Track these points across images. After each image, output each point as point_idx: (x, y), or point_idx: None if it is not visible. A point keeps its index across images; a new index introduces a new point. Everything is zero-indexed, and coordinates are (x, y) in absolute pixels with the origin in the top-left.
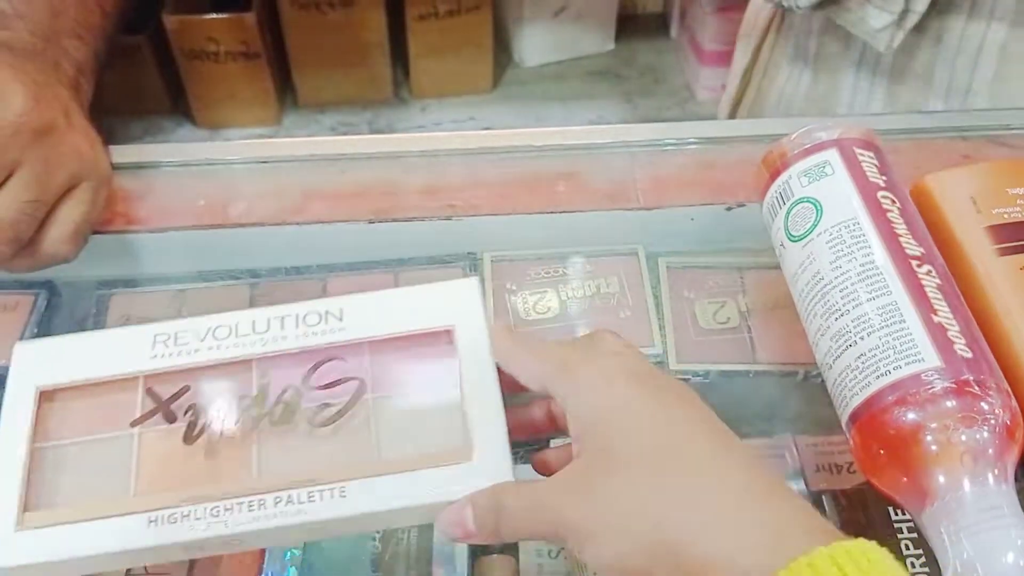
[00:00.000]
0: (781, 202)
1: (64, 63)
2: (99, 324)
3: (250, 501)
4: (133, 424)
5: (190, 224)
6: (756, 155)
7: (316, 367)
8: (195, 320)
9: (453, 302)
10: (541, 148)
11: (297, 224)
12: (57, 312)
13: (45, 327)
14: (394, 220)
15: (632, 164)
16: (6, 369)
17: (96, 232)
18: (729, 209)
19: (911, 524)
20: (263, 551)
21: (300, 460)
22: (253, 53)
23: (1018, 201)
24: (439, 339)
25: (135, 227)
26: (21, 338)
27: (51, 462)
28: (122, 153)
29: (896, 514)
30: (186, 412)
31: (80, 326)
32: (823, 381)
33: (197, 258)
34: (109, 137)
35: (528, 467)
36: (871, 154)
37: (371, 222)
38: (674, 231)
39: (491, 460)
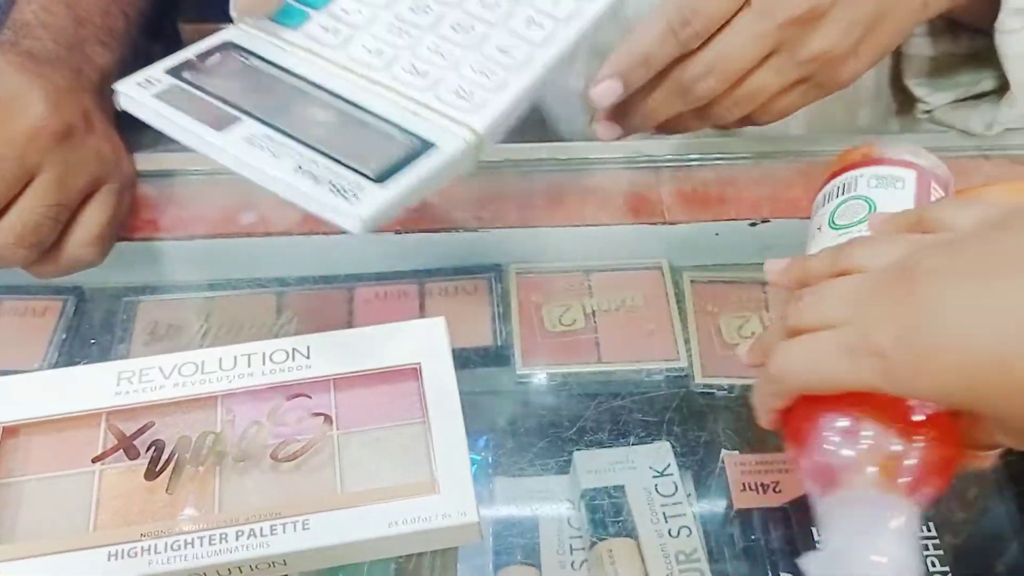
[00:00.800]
0: (840, 192)
1: (87, 69)
2: (126, 331)
3: (211, 535)
4: (94, 460)
5: (218, 232)
6: (780, 171)
7: (281, 403)
8: (161, 357)
9: (420, 340)
10: (567, 162)
11: (324, 234)
12: (85, 318)
13: (73, 333)
14: (420, 231)
15: (657, 179)
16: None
17: (123, 239)
18: (753, 225)
19: (936, 541)
20: None
21: (263, 495)
22: None
23: None
24: (406, 376)
25: (162, 235)
26: (50, 343)
27: (12, 498)
28: (150, 161)
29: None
30: (148, 448)
31: (108, 332)
32: None
33: (225, 266)
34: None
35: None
36: (942, 191)
37: (398, 232)
38: (699, 246)
39: (456, 494)
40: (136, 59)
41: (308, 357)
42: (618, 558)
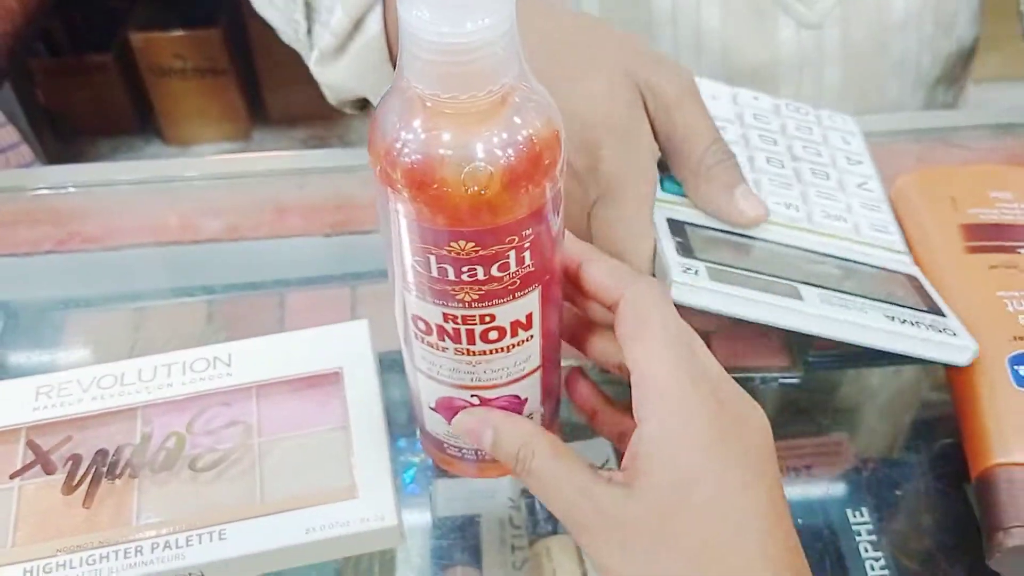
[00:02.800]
0: None
1: None
2: (56, 343)
3: (127, 548)
4: (12, 476)
5: (145, 241)
6: None
7: (201, 413)
8: (79, 371)
9: (343, 344)
10: None
11: (252, 239)
12: (12, 332)
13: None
14: (351, 233)
15: None
16: None
17: (52, 251)
18: None
19: (869, 527)
20: None
21: (182, 506)
22: (220, 69)
23: (997, 204)
24: (328, 381)
25: (90, 246)
26: None
27: None
28: (72, 172)
29: (855, 516)
30: (66, 463)
31: (36, 346)
32: (780, 385)
33: (153, 276)
34: (78, 156)
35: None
36: None
37: (327, 236)
38: None
39: (375, 498)
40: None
41: (229, 365)
42: (555, 556)
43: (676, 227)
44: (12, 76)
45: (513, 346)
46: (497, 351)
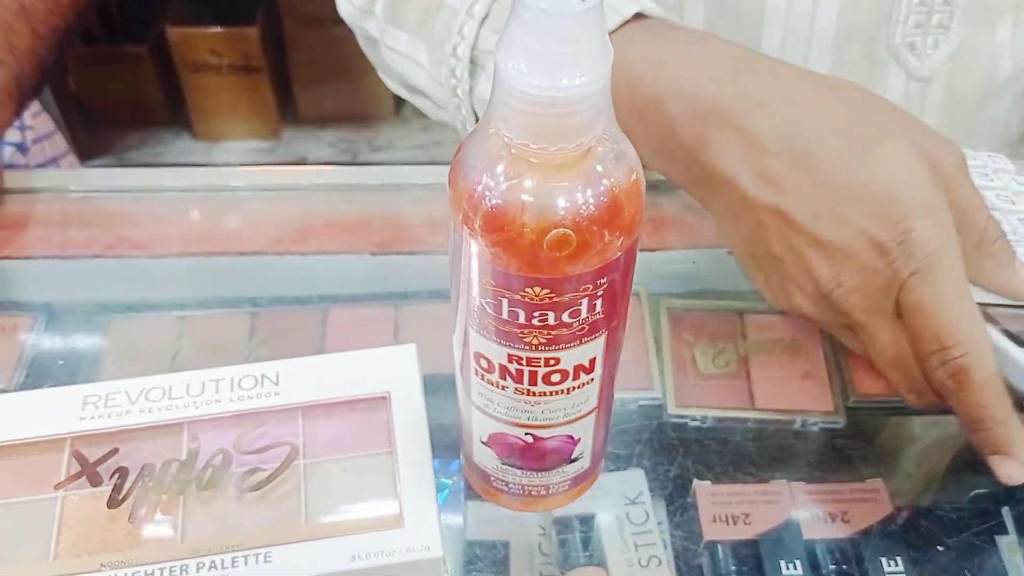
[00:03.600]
0: None
1: None
2: (97, 348)
3: (172, 566)
4: (57, 487)
5: (191, 250)
6: None
7: (248, 431)
8: (127, 382)
9: (390, 368)
10: None
11: (299, 254)
12: (54, 334)
13: (43, 350)
14: (397, 253)
15: None
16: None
17: (99, 256)
18: (731, 253)
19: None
20: None
21: (226, 525)
22: (255, 67)
23: None
24: (375, 405)
25: (137, 252)
26: (19, 361)
27: None
28: (121, 176)
29: (889, 565)
30: (112, 475)
31: (77, 352)
32: (820, 429)
33: (198, 285)
34: (107, 146)
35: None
36: None
37: (373, 254)
38: (675, 273)
39: (421, 528)
40: (45, 75)
41: (277, 384)
42: None
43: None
44: None
45: (573, 388)
46: (557, 393)
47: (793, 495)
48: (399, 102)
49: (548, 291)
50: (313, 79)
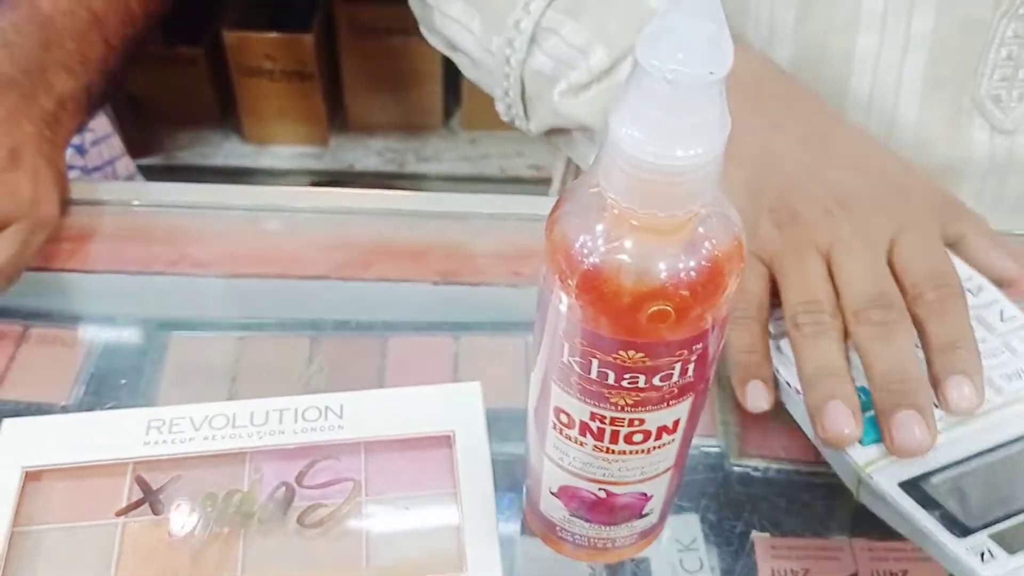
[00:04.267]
0: None
1: (43, 97)
2: (158, 364)
3: None
4: (118, 513)
5: (254, 271)
6: None
7: (311, 465)
8: (191, 407)
9: (455, 406)
10: None
11: (360, 280)
12: (114, 350)
13: (102, 366)
14: (460, 283)
15: None
16: (53, 407)
17: (158, 273)
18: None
19: None
20: None
21: (286, 562)
22: (308, 74)
23: None
24: (439, 444)
25: (199, 270)
26: (78, 376)
27: (31, 547)
28: (192, 192)
29: None
30: (175, 504)
31: (137, 368)
32: None
33: (260, 307)
34: (156, 145)
35: None
36: None
37: (436, 284)
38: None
39: (484, 573)
40: (114, 84)
41: (341, 416)
42: None
43: (913, 489)
44: None
45: (654, 448)
46: (637, 452)
47: (855, 552)
48: (448, 114)
49: (642, 355)
50: (364, 88)
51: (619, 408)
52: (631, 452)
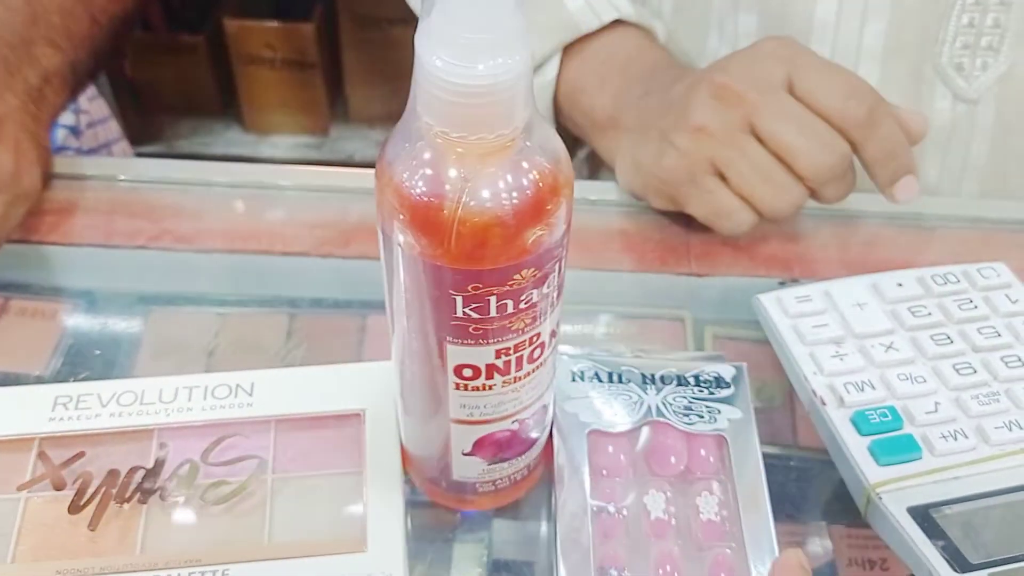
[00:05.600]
0: None
1: (28, 71)
2: (136, 338)
3: None
4: (20, 488)
5: (235, 247)
6: (816, 229)
7: (218, 442)
8: (99, 384)
9: (367, 384)
10: (595, 203)
11: (341, 257)
12: (93, 324)
13: (80, 338)
14: None
15: (688, 228)
16: (28, 377)
17: (140, 247)
18: (783, 284)
19: None
20: None
21: (187, 538)
22: (309, 63)
23: None
24: (348, 422)
25: (180, 245)
26: (56, 348)
27: None
28: (176, 168)
29: None
30: (76, 480)
31: (115, 340)
32: None
33: (239, 283)
34: (157, 132)
35: None
36: None
37: None
38: (723, 301)
39: (385, 553)
40: (101, 61)
41: (251, 395)
42: None
43: (920, 516)
44: None
45: (548, 357)
46: (538, 367)
47: (833, 539)
48: None
49: (532, 269)
50: (365, 78)
51: (521, 332)
52: (534, 369)
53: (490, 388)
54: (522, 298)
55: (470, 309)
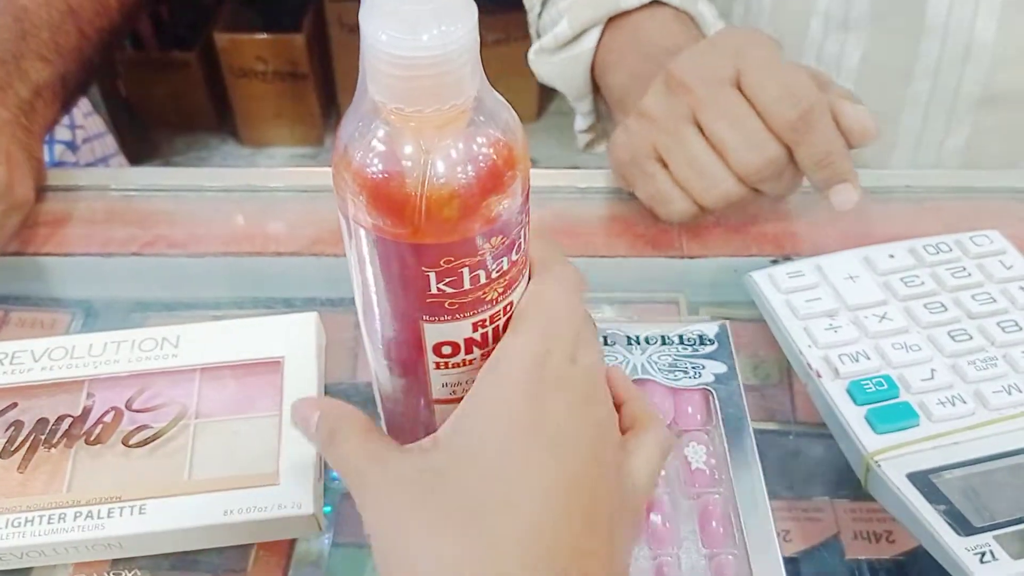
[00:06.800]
0: None
1: (18, 85)
2: None
3: (51, 514)
4: None
5: (228, 250)
6: (806, 207)
7: (142, 391)
8: (33, 341)
9: (288, 335)
10: (584, 190)
11: (333, 256)
12: (91, 331)
13: None
14: None
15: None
16: None
17: (134, 255)
18: (775, 262)
19: None
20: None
21: (111, 479)
22: (301, 74)
23: None
24: (267, 369)
25: (174, 251)
26: None
27: None
28: (167, 176)
29: None
30: (8, 428)
31: None
32: None
33: (234, 286)
34: (153, 149)
35: None
36: None
37: None
38: (717, 281)
39: (296, 486)
40: (91, 75)
41: (176, 347)
42: None
43: (920, 482)
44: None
45: None
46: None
47: (836, 513)
48: None
49: (501, 237)
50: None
51: (495, 302)
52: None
53: (471, 363)
54: (492, 267)
55: (444, 284)
